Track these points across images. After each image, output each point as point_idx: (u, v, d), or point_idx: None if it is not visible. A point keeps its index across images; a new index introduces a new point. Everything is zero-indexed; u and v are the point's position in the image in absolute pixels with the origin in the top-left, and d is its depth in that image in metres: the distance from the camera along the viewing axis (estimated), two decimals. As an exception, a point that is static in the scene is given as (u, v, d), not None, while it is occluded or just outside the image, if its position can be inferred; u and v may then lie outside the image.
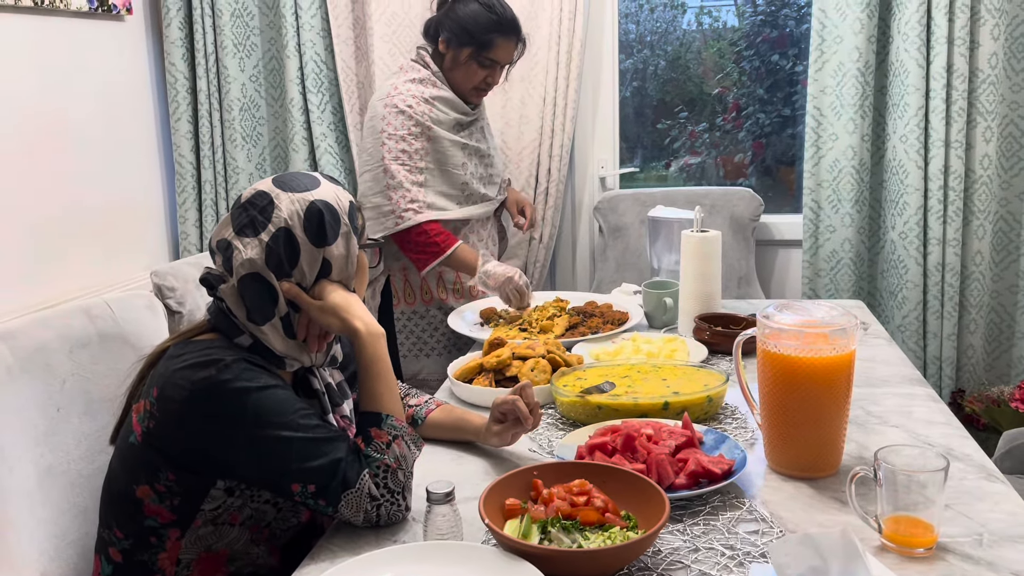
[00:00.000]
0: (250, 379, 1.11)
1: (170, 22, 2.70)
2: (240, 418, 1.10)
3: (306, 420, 1.12)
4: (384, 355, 1.20)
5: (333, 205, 1.19)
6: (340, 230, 1.19)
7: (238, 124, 2.80)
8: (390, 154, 2.05)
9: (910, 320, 2.56)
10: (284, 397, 1.13)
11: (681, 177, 3.21)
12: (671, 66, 3.21)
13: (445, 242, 2.06)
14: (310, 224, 1.16)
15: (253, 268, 1.16)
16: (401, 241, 2.10)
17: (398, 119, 2.06)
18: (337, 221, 1.19)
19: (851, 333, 1.20)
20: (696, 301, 1.89)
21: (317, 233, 1.17)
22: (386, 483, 1.12)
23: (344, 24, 2.78)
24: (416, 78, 2.11)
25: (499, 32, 2.06)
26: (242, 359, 1.13)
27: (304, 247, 1.17)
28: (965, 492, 1.17)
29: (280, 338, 1.19)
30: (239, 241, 1.17)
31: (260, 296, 1.16)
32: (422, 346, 2.23)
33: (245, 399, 1.10)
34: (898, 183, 2.54)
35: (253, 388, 1.10)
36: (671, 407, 1.41)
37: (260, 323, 1.17)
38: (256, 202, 1.18)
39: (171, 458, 1.13)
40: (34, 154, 2.25)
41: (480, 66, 2.09)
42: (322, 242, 1.17)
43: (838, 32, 2.53)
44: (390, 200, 2.06)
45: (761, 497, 1.19)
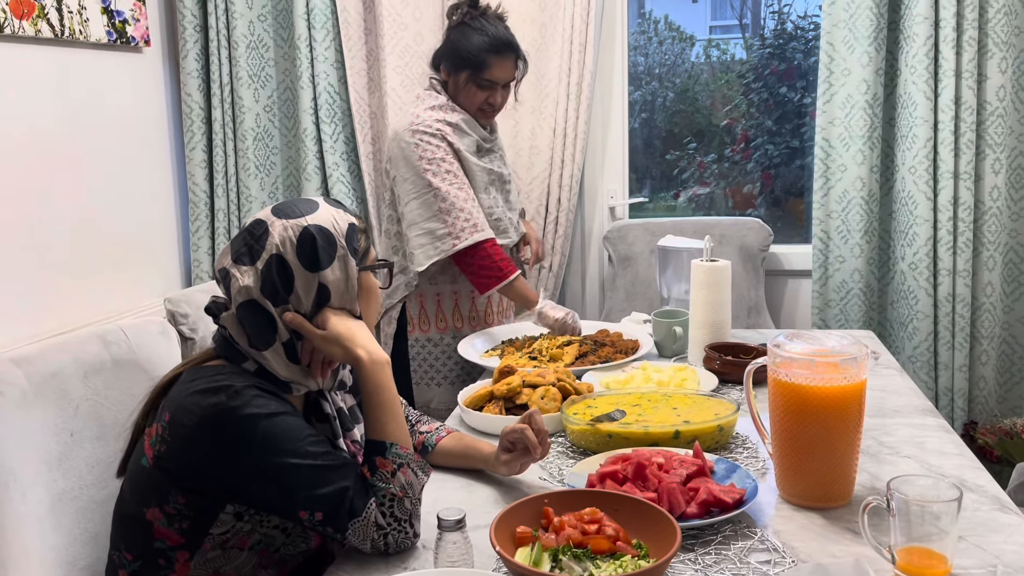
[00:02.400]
0: (260, 405, 1.12)
1: (187, 53, 2.75)
2: (249, 444, 1.10)
3: (315, 447, 1.13)
4: (388, 383, 1.19)
5: (328, 228, 1.19)
6: (336, 253, 1.19)
7: (252, 153, 2.83)
8: (436, 177, 2.03)
9: (921, 351, 2.56)
10: (293, 424, 1.13)
11: (690, 207, 3.23)
12: (680, 98, 3.24)
13: (508, 267, 2.05)
14: (303, 249, 1.17)
15: (249, 296, 1.17)
16: (462, 262, 2.06)
17: (432, 142, 2.05)
18: (332, 244, 1.19)
19: (862, 362, 1.20)
20: (706, 330, 1.89)
21: (310, 258, 1.17)
22: (392, 512, 1.11)
23: (357, 56, 2.82)
24: (435, 105, 2.11)
25: (492, 52, 2.06)
26: (253, 385, 1.14)
27: (298, 272, 1.17)
28: (979, 523, 1.16)
29: (283, 363, 1.19)
30: (236, 269, 1.18)
31: (259, 323, 1.17)
32: (434, 375, 2.21)
33: (254, 425, 1.10)
34: (907, 214, 2.55)
35: (263, 415, 1.11)
36: (682, 436, 1.40)
37: (261, 348, 1.18)
38: (253, 230, 1.20)
39: (181, 481, 1.13)
40: (52, 182, 2.28)
41: (479, 87, 2.09)
42: (316, 267, 1.17)
43: (846, 65, 2.55)
44: (445, 223, 2.03)
45: (773, 527, 1.18)
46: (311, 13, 2.75)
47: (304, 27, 2.75)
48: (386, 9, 2.73)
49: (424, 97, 2.15)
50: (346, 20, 2.77)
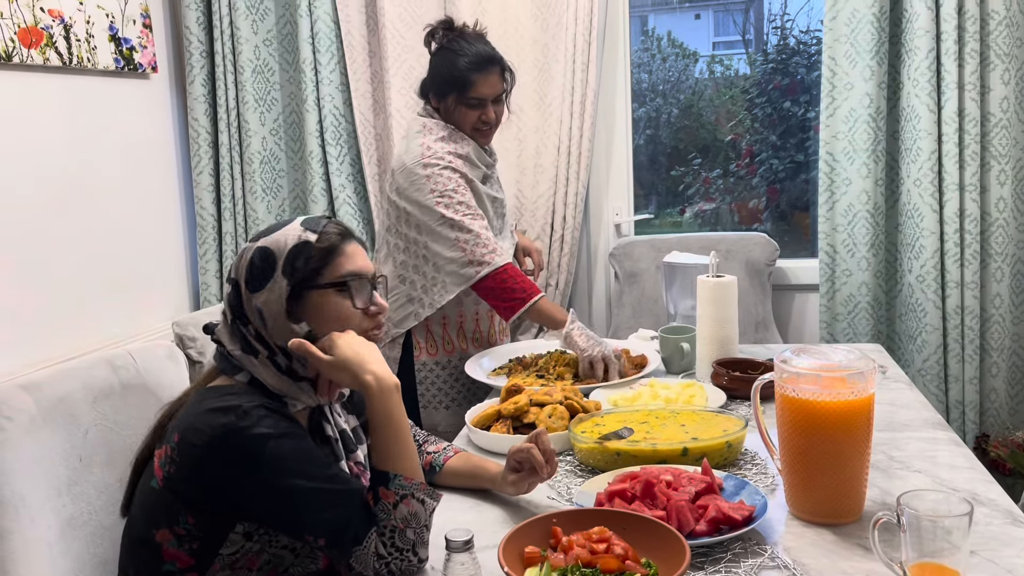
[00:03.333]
0: (269, 426, 1.12)
1: (193, 79, 2.78)
2: (258, 464, 1.10)
3: (323, 471, 1.13)
4: (397, 411, 1.17)
5: (272, 249, 1.19)
6: (273, 274, 1.19)
7: (258, 177, 2.85)
8: (448, 209, 2.01)
9: (930, 364, 2.54)
10: (302, 446, 1.13)
11: (696, 223, 3.23)
12: (684, 114, 3.26)
13: (531, 289, 2.01)
14: (250, 272, 1.20)
15: (232, 314, 1.22)
16: (484, 289, 2.03)
17: (444, 174, 2.02)
18: (271, 267, 1.19)
19: (869, 376, 1.20)
20: (713, 346, 1.89)
21: (249, 281, 1.20)
22: (393, 542, 1.11)
23: (362, 78, 2.84)
24: (443, 136, 2.09)
25: (473, 69, 2.04)
26: (261, 405, 1.14)
27: (245, 296, 1.20)
28: (991, 538, 1.15)
29: (272, 374, 1.20)
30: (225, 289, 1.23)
31: (242, 337, 1.21)
32: (442, 398, 2.20)
33: (263, 445, 1.10)
34: (914, 227, 2.55)
35: (271, 435, 1.11)
36: (690, 453, 1.40)
37: (250, 354, 1.20)
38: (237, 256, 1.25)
39: (190, 502, 1.14)
40: (61, 208, 2.30)
41: (468, 107, 2.07)
42: (253, 289, 1.20)
43: (848, 79, 2.56)
44: (464, 251, 2.00)
45: (783, 544, 1.17)
46: (315, 37, 2.78)
47: (309, 51, 2.78)
48: (389, 32, 2.76)
49: (431, 127, 2.11)
50: (350, 43, 2.80)
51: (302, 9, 2.76)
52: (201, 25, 2.77)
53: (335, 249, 1.22)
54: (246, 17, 2.79)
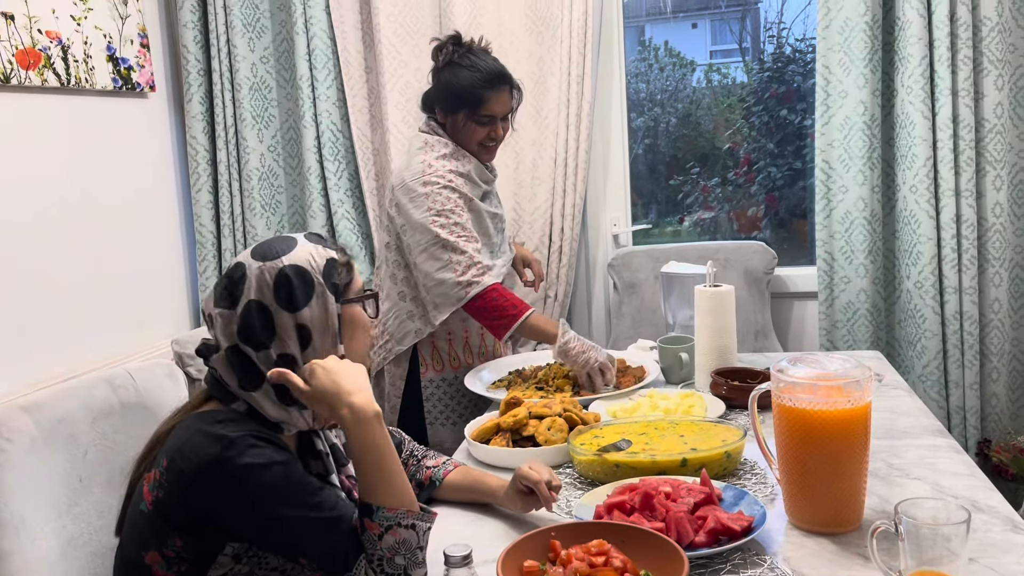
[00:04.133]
0: (256, 455, 1.11)
1: (191, 97, 2.79)
2: (245, 494, 1.10)
3: (311, 498, 1.12)
4: (376, 441, 1.15)
5: (304, 267, 1.19)
6: (313, 292, 1.19)
7: (257, 193, 2.87)
8: (443, 229, 2.01)
9: (931, 370, 2.54)
10: (290, 474, 1.12)
11: (695, 232, 3.24)
12: (682, 123, 3.27)
13: (522, 306, 2.00)
14: (279, 292, 1.17)
15: (233, 341, 1.18)
16: (473, 309, 2.03)
17: (443, 193, 2.02)
18: (309, 283, 1.19)
19: (865, 385, 1.20)
20: (712, 356, 1.89)
21: (288, 300, 1.17)
22: (382, 568, 1.10)
23: (359, 94, 2.86)
24: (445, 153, 2.08)
25: (486, 87, 2.05)
26: (249, 434, 1.13)
27: (277, 316, 1.17)
28: (991, 545, 1.15)
29: (272, 404, 1.19)
30: (218, 313, 1.19)
31: (245, 367, 1.18)
32: (449, 414, 2.19)
33: (249, 476, 1.10)
34: (911, 233, 2.55)
35: (258, 464, 1.10)
36: (689, 464, 1.40)
37: (251, 390, 1.18)
38: (232, 275, 1.20)
39: (179, 525, 1.13)
40: (60, 226, 2.31)
41: (479, 124, 2.07)
42: (294, 307, 1.17)
43: (843, 87, 2.57)
44: (455, 273, 2.00)
45: (783, 554, 1.17)
46: (312, 54, 2.79)
47: (306, 68, 2.80)
48: (385, 47, 2.77)
49: (433, 144, 2.10)
50: (347, 60, 2.82)
51: (298, 27, 2.78)
52: (198, 44, 2.79)
53: (351, 265, 1.26)
54: (243, 35, 2.81)
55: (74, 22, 2.35)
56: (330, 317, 1.20)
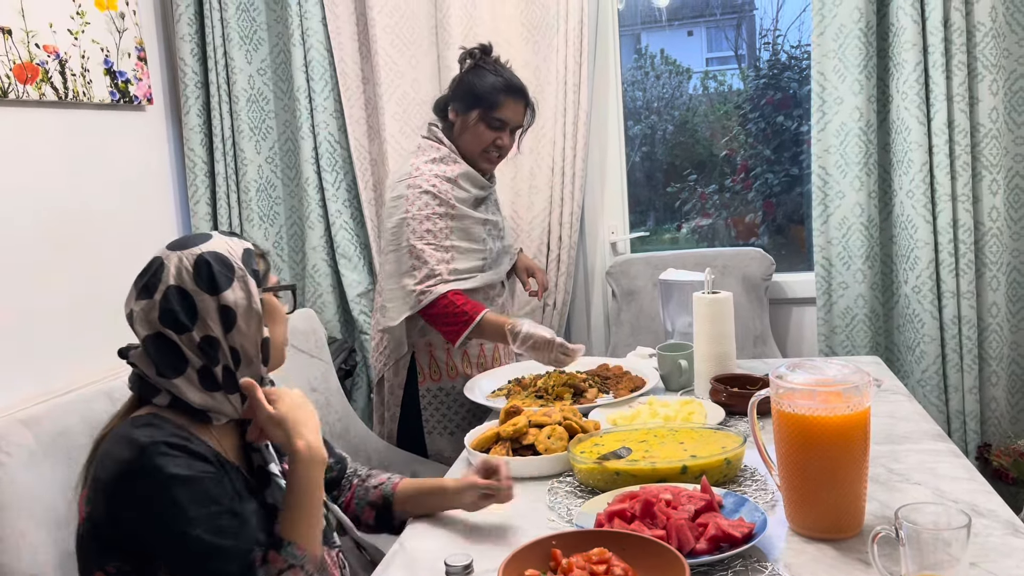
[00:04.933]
0: (166, 464, 1.10)
1: (189, 109, 2.80)
2: (151, 506, 1.10)
3: (215, 520, 1.11)
4: (317, 484, 1.17)
5: (223, 254, 1.22)
6: (234, 275, 1.21)
7: (255, 204, 2.87)
8: (415, 235, 2.03)
9: (930, 374, 2.54)
10: (200, 490, 1.12)
11: (693, 239, 3.25)
12: (679, 130, 3.28)
13: (473, 310, 2.02)
14: (199, 275, 1.20)
15: (152, 328, 1.20)
16: (429, 317, 2.05)
17: (422, 199, 2.05)
18: (229, 268, 1.21)
19: (864, 390, 1.20)
20: (711, 363, 1.89)
21: (208, 282, 1.20)
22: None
23: (356, 105, 2.87)
24: (435, 158, 2.11)
25: (505, 92, 2.09)
26: (162, 441, 1.12)
27: (198, 298, 1.19)
28: (991, 549, 1.15)
29: (196, 390, 1.19)
30: (138, 306, 1.21)
31: (165, 353, 1.19)
32: (447, 423, 2.19)
33: (158, 486, 1.10)
34: (908, 238, 2.56)
35: (166, 475, 1.10)
36: (689, 471, 1.40)
37: (171, 377, 1.19)
38: (149, 268, 1.24)
39: (111, 542, 1.13)
40: (58, 240, 2.31)
41: (489, 127, 2.10)
42: (215, 290, 1.19)
43: (838, 93, 2.58)
44: (415, 278, 2.03)
45: (784, 560, 1.17)
46: (309, 65, 2.80)
47: (303, 79, 2.80)
48: (382, 59, 2.78)
49: (425, 148, 2.14)
50: (344, 71, 2.82)
51: (295, 39, 2.79)
52: (195, 56, 2.80)
53: (267, 259, 1.31)
54: (240, 47, 2.82)
55: (71, 36, 2.35)
56: (253, 299, 1.21)
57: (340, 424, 2.16)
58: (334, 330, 2.90)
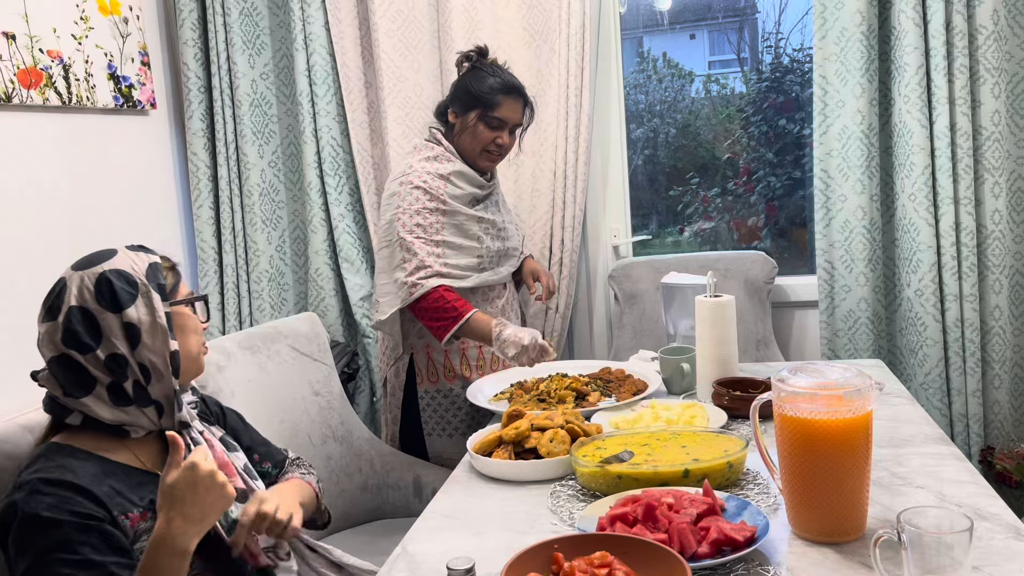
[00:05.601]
0: (34, 505, 1.11)
1: (192, 114, 2.81)
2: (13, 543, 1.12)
3: (56, 568, 1.10)
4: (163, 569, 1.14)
5: (126, 271, 1.23)
6: (138, 291, 1.22)
7: (258, 208, 2.88)
8: (404, 228, 2.07)
9: (932, 378, 2.54)
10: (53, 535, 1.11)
11: (696, 242, 3.24)
12: (681, 133, 3.28)
13: (462, 307, 2.03)
14: (101, 294, 1.20)
15: (57, 349, 1.20)
16: (418, 311, 2.07)
17: (413, 194, 2.09)
18: (132, 284, 1.22)
19: (866, 394, 1.20)
20: (713, 366, 1.89)
21: (110, 301, 1.20)
22: None
23: (359, 109, 2.87)
24: (430, 156, 2.15)
25: (503, 92, 2.12)
26: (39, 479, 1.13)
27: (101, 318, 1.20)
28: (994, 552, 1.15)
29: (107, 407, 1.20)
30: (43, 328, 1.22)
31: (72, 374, 1.20)
32: (445, 425, 2.20)
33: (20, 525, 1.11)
34: (910, 241, 2.55)
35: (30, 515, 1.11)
36: (691, 474, 1.40)
37: (80, 396, 1.20)
38: (53, 290, 1.24)
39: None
40: (62, 244, 2.32)
41: (487, 127, 2.13)
42: (118, 308, 1.20)
43: (840, 97, 2.58)
44: (405, 271, 2.06)
45: (786, 564, 1.17)
46: (312, 70, 2.81)
47: (305, 83, 2.81)
48: (385, 63, 2.79)
49: (421, 148, 2.18)
50: (346, 75, 2.83)
51: (298, 43, 2.80)
52: (199, 61, 2.81)
53: (176, 270, 1.32)
54: (243, 52, 2.83)
55: (75, 41, 2.36)
56: (158, 315, 1.22)
57: (342, 428, 2.16)
58: (337, 334, 2.91)
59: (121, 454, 1.23)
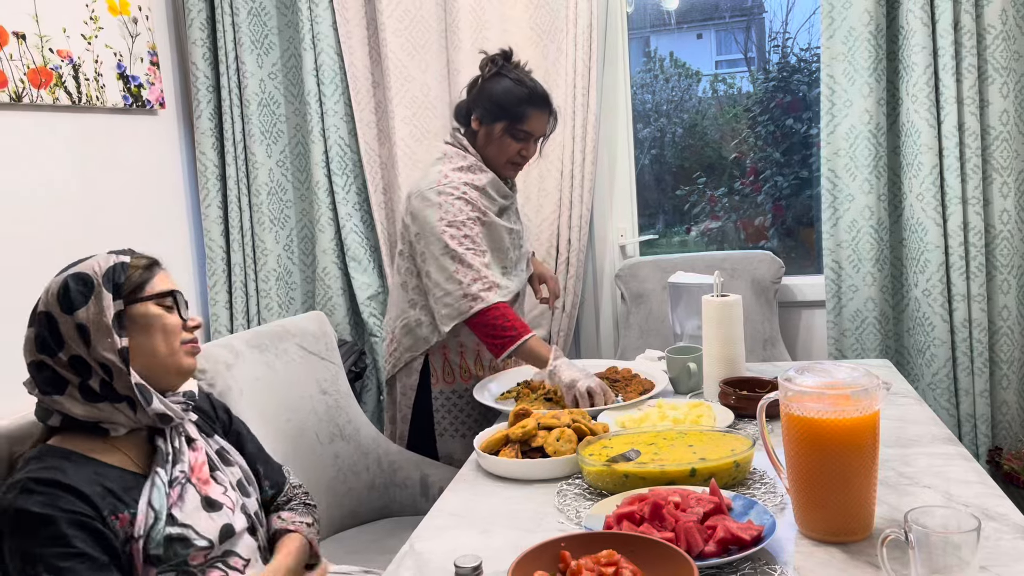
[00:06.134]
0: (22, 502, 1.13)
1: (200, 113, 2.82)
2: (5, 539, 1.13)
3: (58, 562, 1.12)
4: None
5: (85, 273, 1.25)
6: (92, 292, 1.23)
7: (266, 208, 2.89)
8: (453, 240, 2.01)
9: (940, 378, 2.54)
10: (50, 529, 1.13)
11: (703, 242, 3.24)
12: (688, 133, 3.28)
13: (522, 328, 1.99)
14: (60, 297, 1.23)
15: (33, 356, 1.24)
16: (475, 325, 2.02)
17: (456, 205, 2.02)
18: (87, 286, 1.24)
19: (874, 393, 1.20)
20: (720, 365, 1.89)
21: (65, 303, 1.23)
22: None
23: (366, 108, 2.88)
24: (463, 166, 2.09)
25: (531, 104, 2.07)
26: (30, 478, 1.15)
27: (60, 320, 1.23)
28: (1002, 553, 1.15)
29: (80, 404, 1.22)
30: (27, 334, 1.25)
31: (44, 375, 1.23)
32: (459, 426, 2.19)
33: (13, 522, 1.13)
34: (918, 241, 2.55)
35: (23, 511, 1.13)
36: (698, 473, 1.40)
37: (53, 393, 1.22)
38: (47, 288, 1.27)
39: None
40: (71, 243, 2.33)
41: (514, 139, 2.08)
42: (70, 309, 1.23)
43: (848, 96, 2.57)
44: (461, 284, 2.00)
45: (793, 563, 1.17)
46: (320, 69, 2.82)
47: (313, 83, 2.82)
48: (392, 63, 2.80)
49: (452, 156, 2.12)
50: (354, 75, 2.84)
51: (306, 43, 2.81)
52: (207, 61, 2.82)
53: (150, 268, 1.31)
54: (251, 52, 2.84)
55: (85, 41, 2.38)
56: (105, 314, 1.23)
57: (350, 426, 2.16)
58: (344, 332, 2.92)
59: (113, 456, 1.24)
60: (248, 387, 1.90)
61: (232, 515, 1.32)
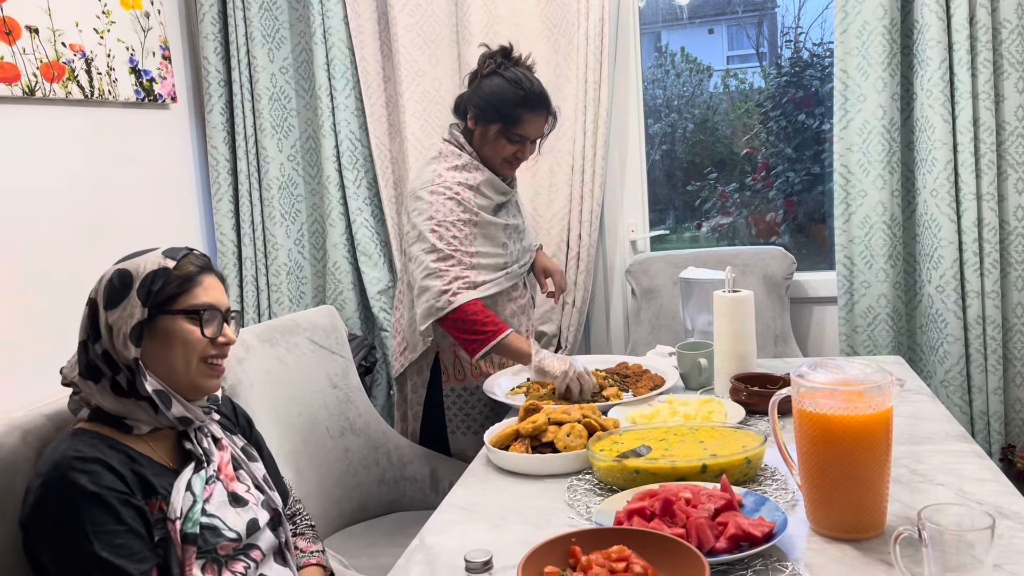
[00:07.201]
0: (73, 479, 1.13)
1: (212, 108, 2.82)
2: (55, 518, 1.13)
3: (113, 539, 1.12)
4: None
5: (129, 271, 1.25)
6: (125, 294, 1.23)
7: (277, 202, 2.89)
8: (441, 240, 2.01)
9: (953, 375, 2.52)
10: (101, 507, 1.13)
11: (714, 237, 3.23)
12: (699, 128, 3.26)
13: (496, 327, 1.99)
14: (104, 291, 1.24)
15: (82, 335, 1.25)
16: (451, 323, 2.01)
17: (447, 205, 2.02)
18: (126, 286, 1.24)
19: (887, 390, 1.19)
20: (731, 361, 1.88)
21: (107, 298, 1.24)
22: None
23: (377, 103, 2.88)
24: (457, 165, 2.08)
25: (526, 107, 2.04)
26: (74, 456, 1.15)
27: (100, 313, 1.24)
28: (1016, 551, 1.14)
29: (110, 396, 1.23)
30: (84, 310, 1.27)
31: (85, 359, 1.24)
32: (471, 423, 2.19)
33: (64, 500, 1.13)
34: (931, 237, 2.53)
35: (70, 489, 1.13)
36: (709, 470, 1.40)
37: (89, 379, 1.23)
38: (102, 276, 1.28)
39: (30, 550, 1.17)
40: (83, 237, 2.34)
41: (509, 142, 2.06)
42: (108, 306, 1.23)
43: (861, 91, 2.56)
44: (441, 281, 2.00)
45: (805, 560, 1.17)
46: (331, 64, 2.82)
47: (324, 77, 2.82)
48: (403, 57, 2.79)
49: (447, 154, 2.11)
50: (365, 69, 2.84)
51: (317, 37, 2.81)
52: (219, 55, 2.83)
53: (192, 279, 1.27)
54: (262, 46, 2.84)
55: (97, 35, 2.38)
56: (126, 320, 1.23)
57: (360, 420, 2.17)
58: (354, 327, 2.92)
59: (141, 446, 1.25)
60: (259, 381, 1.90)
61: (256, 510, 1.33)
